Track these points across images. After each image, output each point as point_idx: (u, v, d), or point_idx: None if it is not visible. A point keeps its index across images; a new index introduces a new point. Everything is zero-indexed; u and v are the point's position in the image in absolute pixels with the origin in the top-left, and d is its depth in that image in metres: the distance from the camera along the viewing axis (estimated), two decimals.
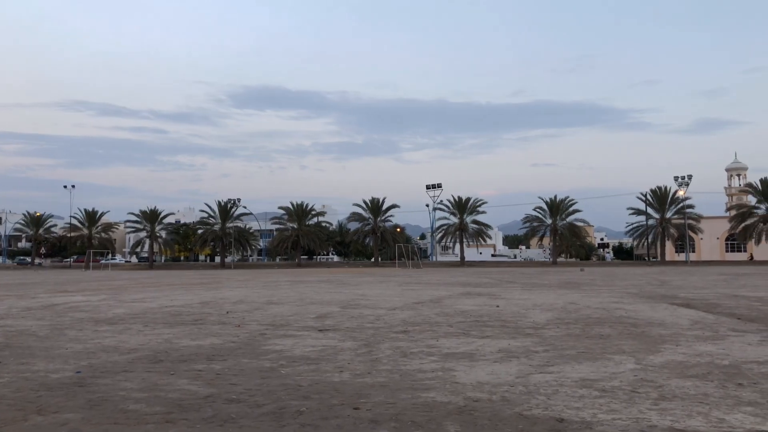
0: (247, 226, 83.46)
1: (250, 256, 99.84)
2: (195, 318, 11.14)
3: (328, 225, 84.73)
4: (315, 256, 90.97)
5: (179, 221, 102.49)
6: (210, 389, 5.13)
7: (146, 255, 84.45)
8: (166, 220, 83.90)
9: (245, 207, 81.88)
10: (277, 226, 79.72)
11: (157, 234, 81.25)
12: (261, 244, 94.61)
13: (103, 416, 4.31)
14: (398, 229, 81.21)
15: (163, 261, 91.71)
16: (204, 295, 18.19)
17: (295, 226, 75.93)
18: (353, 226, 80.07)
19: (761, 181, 69.92)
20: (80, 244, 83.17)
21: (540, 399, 4.65)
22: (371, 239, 76.53)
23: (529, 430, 3.86)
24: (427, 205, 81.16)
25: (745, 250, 79.88)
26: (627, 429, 3.84)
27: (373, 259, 77.21)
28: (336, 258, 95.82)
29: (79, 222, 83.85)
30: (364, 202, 76.04)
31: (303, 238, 74.77)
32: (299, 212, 76.67)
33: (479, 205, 75.06)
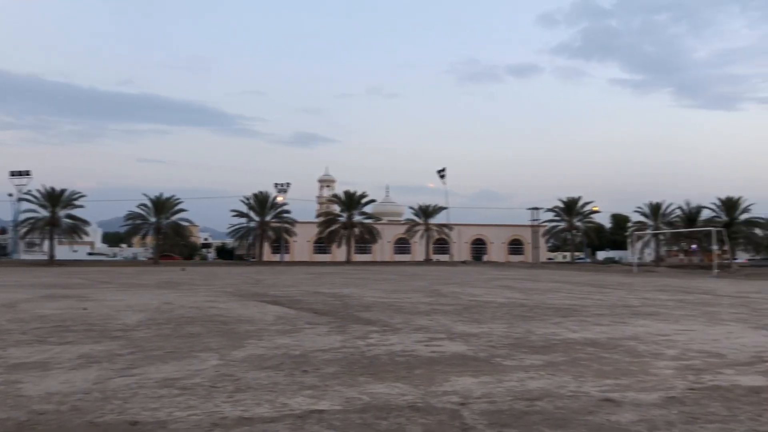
0: None
1: None
2: None
3: None
4: None
5: None
6: None
7: None
8: None
9: None
10: None
11: None
12: None
13: None
14: None
15: None
16: None
17: None
18: None
19: (345, 193, 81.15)
20: None
21: (116, 404, 4.48)
22: None
23: None
24: (11, 195, 70.62)
25: (329, 252, 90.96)
26: (200, 423, 3.98)
27: None
28: None
29: None
30: None
31: None
32: None
33: (76, 198, 68.60)
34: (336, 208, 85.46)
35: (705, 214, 74.47)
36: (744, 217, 73.59)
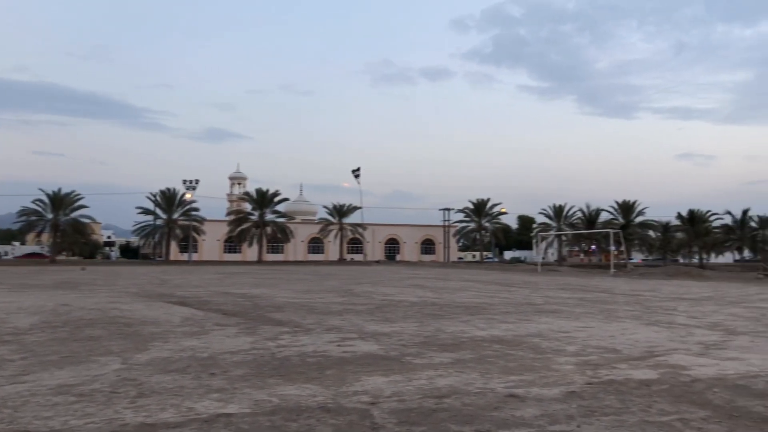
0: None
1: None
2: None
3: None
4: None
5: None
6: None
7: None
8: None
9: None
10: None
11: None
12: None
13: None
14: None
15: None
16: None
17: None
18: None
19: (257, 191, 79.80)
20: None
21: (5, 413, 4.18)
22: None
23: None
24: None
25: (240, 252, 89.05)
26: (98, 431, 3.78)
27: None
28: None
29: None
30: None
31: None
32: None
33: None
34: (247, 207, 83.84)
35: (604, 216, 78.95)
36: (639, 219, 78.56)
